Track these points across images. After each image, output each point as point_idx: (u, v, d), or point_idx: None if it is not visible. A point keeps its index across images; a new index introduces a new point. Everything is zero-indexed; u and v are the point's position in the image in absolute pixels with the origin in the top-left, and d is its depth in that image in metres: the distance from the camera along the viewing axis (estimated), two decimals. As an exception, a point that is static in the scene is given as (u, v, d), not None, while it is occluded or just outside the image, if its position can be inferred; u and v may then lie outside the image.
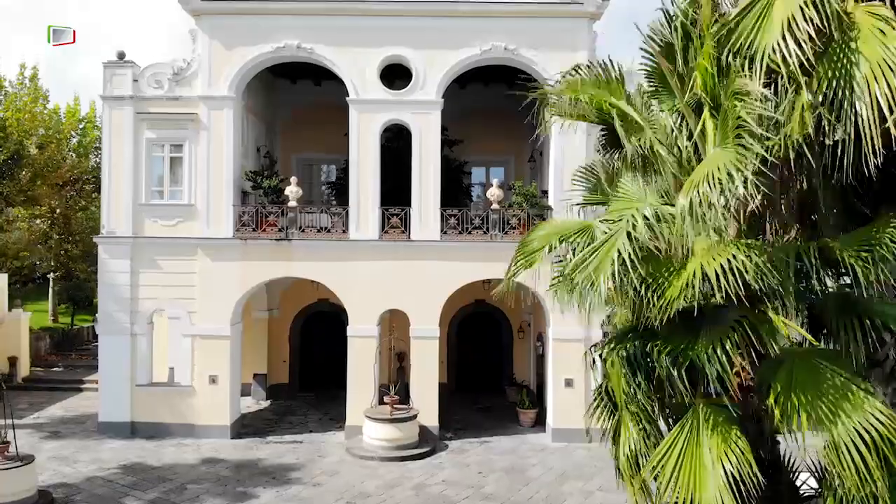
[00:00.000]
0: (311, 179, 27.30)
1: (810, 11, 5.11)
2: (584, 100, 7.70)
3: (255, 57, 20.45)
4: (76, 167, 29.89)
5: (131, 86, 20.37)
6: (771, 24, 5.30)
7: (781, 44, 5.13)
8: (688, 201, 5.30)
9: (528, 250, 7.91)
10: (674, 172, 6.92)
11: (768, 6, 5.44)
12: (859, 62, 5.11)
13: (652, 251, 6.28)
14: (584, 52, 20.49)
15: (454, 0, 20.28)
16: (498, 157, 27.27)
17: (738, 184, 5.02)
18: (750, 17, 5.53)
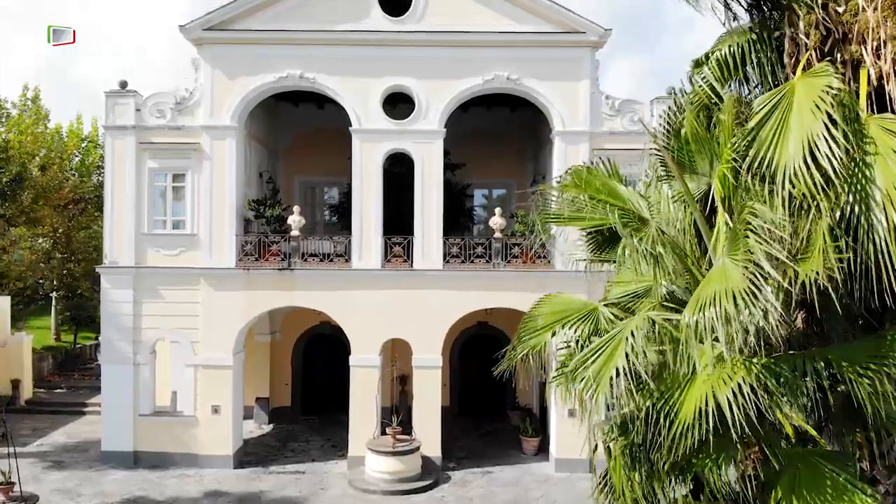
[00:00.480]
0: (314, 202, 27.31)
1: (834, 131, 5.03)
2: (583, 199, 7.56)
3: (258, 87, 20.45)
4: (78, 188, 29.90)
5: (133, 115, 20.37)
6: (788, 141, 5.22)
7: (802, 167, 5.04)
8: (694, 322, 5.25)
9: (532, 327, 7.87)
10: (681, 261, 6.87)
11: (784, 120, 5.36)
12: (875, 179, 5.06)
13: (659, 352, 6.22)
14: (587, 82, 20.52)
15: (456, 30, 20.24)
16: (500, 179, 27.26)
17: (754, 316, 4.94)
18: (767, 130, 5.45)
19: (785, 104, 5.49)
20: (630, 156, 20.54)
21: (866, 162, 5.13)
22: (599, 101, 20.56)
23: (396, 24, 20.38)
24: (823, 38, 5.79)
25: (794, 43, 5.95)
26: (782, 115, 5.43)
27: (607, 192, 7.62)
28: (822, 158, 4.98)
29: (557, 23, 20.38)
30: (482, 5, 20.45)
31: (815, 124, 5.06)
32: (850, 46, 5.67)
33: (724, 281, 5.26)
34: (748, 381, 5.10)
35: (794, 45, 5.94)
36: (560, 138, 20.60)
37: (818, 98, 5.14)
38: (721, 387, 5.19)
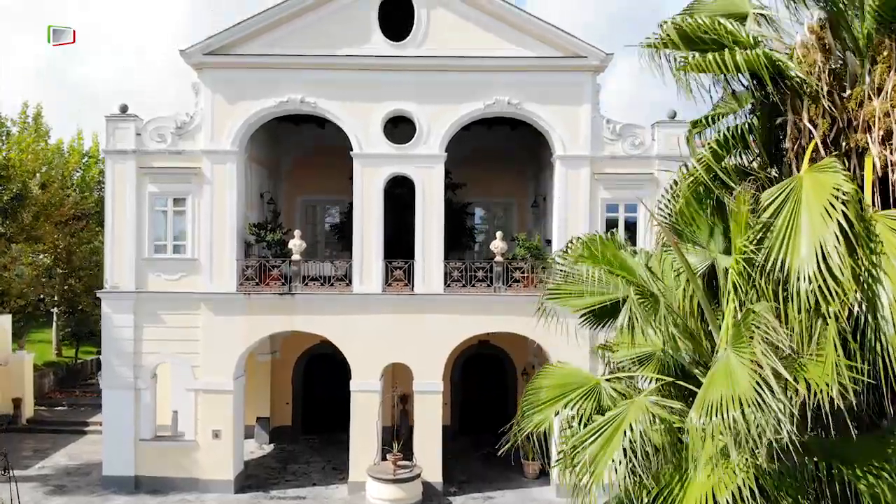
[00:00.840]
0: (315, 220, 27.30)
1: (845, 238, 4.99)
2: (591, 273, 7.53)
3: (259, 111, 20.43)
4: (79, 204, 29.89)
5: (134, 140, 20.35)
6: (800, 244, 5.18)
7: (816, 275, 4.99)
8: (700, 426, 5.20)
9: (535, 401, 7.83)
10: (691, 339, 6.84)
11: (795, 218, 5.31)
12: (882, 281, 5.04)
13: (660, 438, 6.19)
14: (588, 106, 20.49)
15: (457, 55, 20.21)
16: (501, 198, 27.23)
17: (763, 428, 4.90)
18: (778, 229, 5.40)
19: (794, 199, 5.46)
20: (631, 180, 20.76)
21: (874, 262, 5.11)
22: (600, 126, 20.52)
23: (397, 48, 20.36)
24: (829, 126, 5.76)
25: (797, 128, 5.92)
26: (792, 214, 5.39)
27: (619, 265, 7.57)
28: (835, 267, 4.94)
29: (558, 47, 20.35)
30: (483, 30, 20.42)
31: (827, 232, 5.04)
32: (856, 134, 5.64)
33: (730, 383, 5.21)
34: (748, 484, 5.07)
35: (798, 130, 5.90)
36: (561, 162, 20.57)
37: (827, 203, 5.11)
38: (721, 490, 5.17)
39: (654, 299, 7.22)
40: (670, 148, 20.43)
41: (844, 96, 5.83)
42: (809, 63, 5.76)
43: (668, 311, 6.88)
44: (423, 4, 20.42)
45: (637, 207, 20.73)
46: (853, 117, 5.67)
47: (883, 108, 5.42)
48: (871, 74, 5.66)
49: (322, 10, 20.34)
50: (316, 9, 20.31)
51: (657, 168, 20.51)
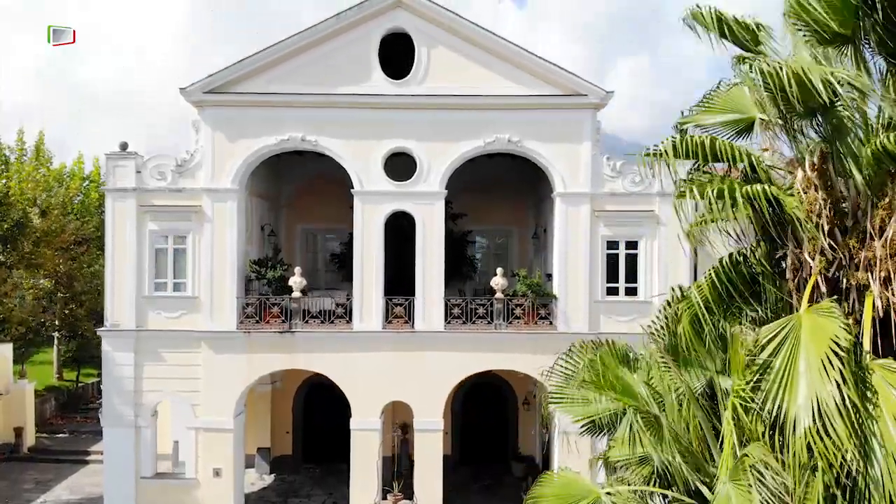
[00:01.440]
0: (316, 249, 27.29)
1: (843, 390, 4.99)
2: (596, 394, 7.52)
3: (259, 149, 20.43)
4: (80, 230, 29.88)
5: (134, 177, 20.33)
6: (797, 394, 5.17)
7: (813, 433, 4.98)
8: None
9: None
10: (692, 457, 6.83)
11: (792, 363, 5.30)
12: (877, 434, 5.03)
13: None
14: (588, 143, 20.48)
15: (457, 94, 20.21)
16: (502, 226, 27.21)
17: None
18: (775, 373, 5.39)
19: (793, 340, 5.46)
20: (632, 217, 20.74)
21: (870, 415, 5.10)
22: (601, 163, 20.50)
23: (398, 87, 20.35)
24: (829, 262, 5.75)
25: (797, 260, 5.91)
26: (790, 356, 5.39)
27: (621, 388, 7.53)
28: (830, 426, 4.93)
29: (559, 85, 20.34)
30: (483, 68, 20.41)
31: (824, 389, 5.01)
32: (857, 273, 5.62)
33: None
34: None
35: (798, 262, 5.89)
36: (561, 199, 20.56)
37: (825, 356, 5.10)
38: None
39: (655, 420, 7.20)
40: (671, 185, 20.40)
41: (846, 229, 5.81)
42: (810, 201, 5.75)
43: (670, 432, 6.85)
44: (423, 43, 20.40)
45: (638, 244, 20.74)
46: (854, 254, 5.66)
47: (885, 251, 5.40)
48: (873, 211, 5.63)
49: (322, 48, 20.34)
50: (316, 47, 20.31)
51: (658, 205, 20.50)
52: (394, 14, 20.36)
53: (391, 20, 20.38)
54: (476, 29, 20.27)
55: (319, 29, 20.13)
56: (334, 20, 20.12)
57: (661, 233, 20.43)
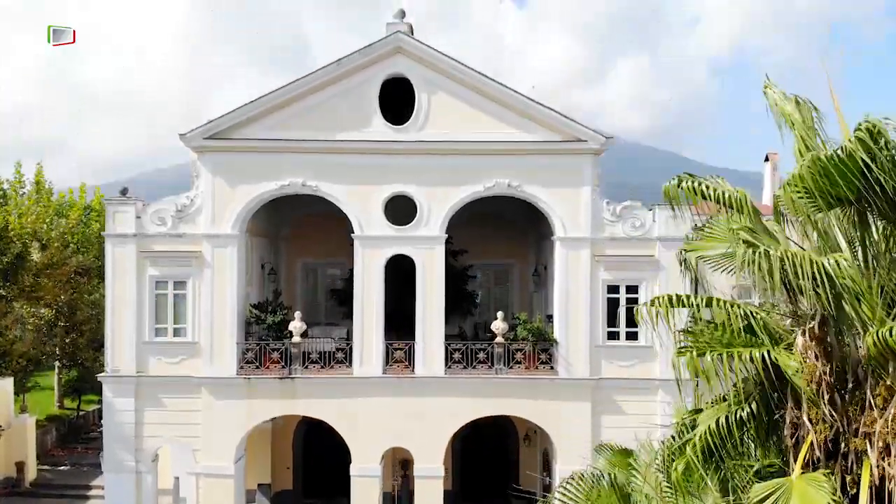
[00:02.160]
0: (316, 282, 27.26)
1: None
2: None
3: (260, 194, 20.47)
4: (81, 262, 29.90)
5: (134, 223, 20.36)
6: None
7: None
8: None
9: None
10: None
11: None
12: None
13: None
14: (588, 188, 20.49)
15: (457, 139, 20.21)
16: (503, 260, 27.15)
17: None
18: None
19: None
20: (632, 261, 20.72)
21: None
22: (600, 207, 20.49)
23: (398, 132, 20.36)
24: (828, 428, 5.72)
25: (796, 421, 5.88)
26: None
27: None
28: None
29: (558, 131, 20.35)
30: (483, 113, 20.42)
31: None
32: (855, 439, 5.60)
33: None
34: None
35: (796, 424, 5.87)
36: (561, 244, 20.55)
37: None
38: None
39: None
40: (671, 230, 20.44)
41: (846, 393, 5.78)
42: (810, 369, 5.72)
43: None
44: (423, 89, 20.41)
45: (638, 288, 20.71)
46: (853, 419, 5.63)
47: (883, 431, 5.37)
48: (874, 385, 5.61)
49: (323, 93, 20.36)
50: (316, 93, 20.34)
51: (658, 250, 20.48)
52: (394, 60, 20.37)
53: (391, 66, 20.39)
54: (475, 75, 20.29)
55: (320, 75, 20.15)
56: (335, 66, 20.13)
57: (661, 277, 20.41)
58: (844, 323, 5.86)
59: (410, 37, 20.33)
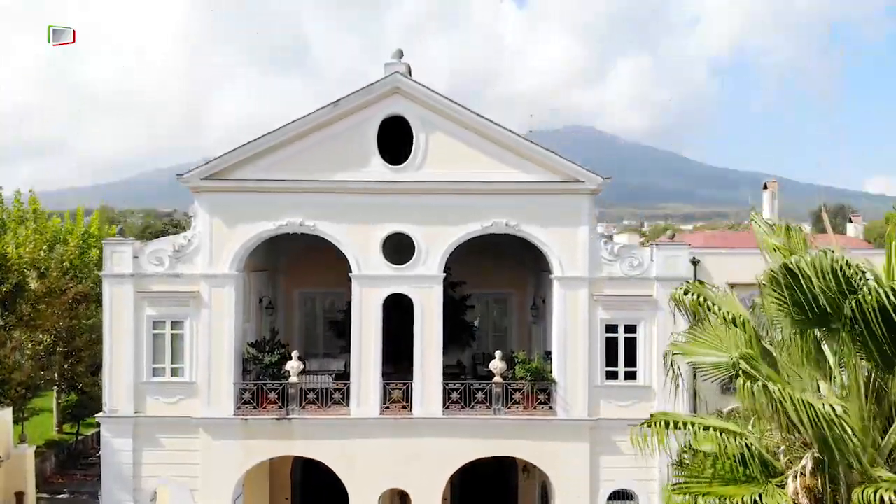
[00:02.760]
0: (315, 312, 27.18)
1: None
2: None
3: (258, 234, 20.47)
4: (79, 290, 29.86)
5: (132, 263, 20.34)
6: None
7: None
8: None
9: None
10: None
11: None
12: None
13: None
14: (585, 228, 20.47)
15: (455, 179, 20.19)
16: (501, 289, 27.07)
17: None
18: None
19: None
20: (630, 301, 20.69)
21: None
22: (598, 247, 20.47)
23: (396, 172, 20.34)
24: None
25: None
26: None
27: None
28: None
29: (556, 171, 20.34)
30: (481, 153, 20.42)
31: None
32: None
33: None
34: None
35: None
36: (559, 283, 20.53)
37: None
38: None
39: None
40: (669, 270, 20.44)
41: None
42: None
43: None
44: (421, 129, 20.39)
45: (637, 328, 20.69)
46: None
47: None
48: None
49: (320, 134, 20.36)
50: (314, 133, 20.34)
51: (656, 289, 20.44)
52: (392, 101, 20.35)
53: (389, 107, 20.37)
54: (473, 116, 20.29)
55: (317, 116, 20.14)
56: (332, 107, 20.12)
57: (659, 317, 20.37)
58: (837, 469, 5.84)
59: (408, 78, 20.30)
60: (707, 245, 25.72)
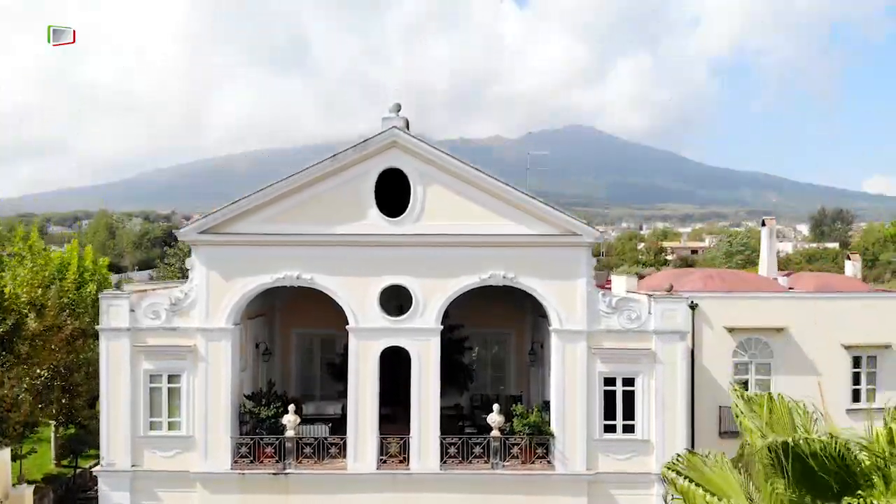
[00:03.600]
0: (312, 353, 27.11)
1: None
2: None
3: (255, 287, 20.41)
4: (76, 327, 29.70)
5: (128, 317, 20.29)
6: None
7: None
8: None
9: None
10: None
11: None
12: None
13: None
14: (583, 280, 20.43)
15: (453, 232, 20.15)
16: (499, 328, 27.00)
17: None
18: None
19: None
20: (628, 354, 20.63)
21: None
22: (596, 299, 20.42)
23: (394, 224, 20.29)
24: None
25: None
26: None
27: None
28: None
29: (553, 224, 20.30)
30: (478, 205, 20.38)
31: None
32: None
33: None
34: None
35: None
36: (557, 336, 20.48)
37: None
38: None
39: None
40: (667, 323, 20.40)
41: None
42: None
43: None
44: (418, 182, 20.34)
45: (635, 381, 20.62)
46: None
47: None
48: None
49: (318, 187, 20.33)
50: (311, 186, 20.31)
51: (654, 343, 20.39)
52: (390, 154, 20.31)
53: (387, 160, 20.32)
54: (469, 170, 20.24)
55: (315, 171, 20.11)
56: (330, 161, 20.08)
57: (657, 370, 20.35)
58: None
59: (405, 132, 20.24)
60: (706, 287, 25.64)
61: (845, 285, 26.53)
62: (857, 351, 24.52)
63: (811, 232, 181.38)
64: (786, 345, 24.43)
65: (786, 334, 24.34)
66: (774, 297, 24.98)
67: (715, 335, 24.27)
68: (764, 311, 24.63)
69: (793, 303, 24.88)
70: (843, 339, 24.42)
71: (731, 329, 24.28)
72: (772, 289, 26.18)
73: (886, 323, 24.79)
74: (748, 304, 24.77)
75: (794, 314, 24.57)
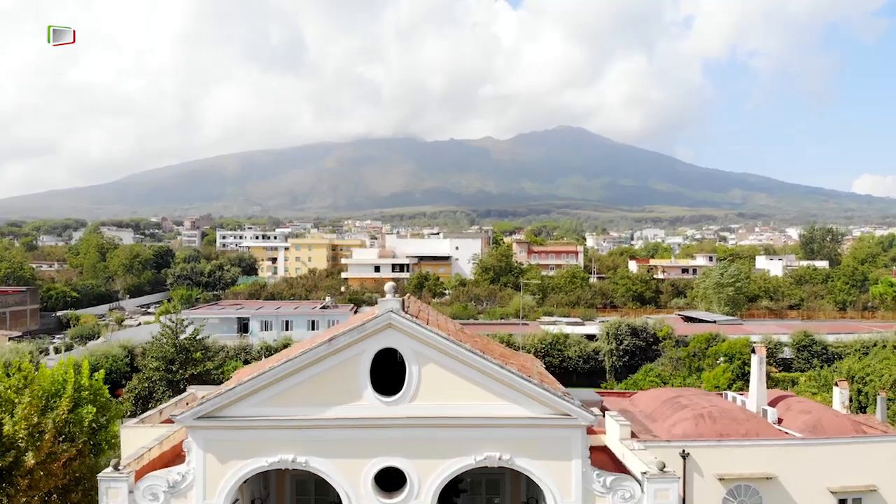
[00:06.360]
0: (308, 497, 27.12)
1: None
2: None
3: (251, 470, 20.50)
4: (73, 454, 29.68)
5: (126, 498, 20.33)
6: None
7: None
8: None
9: None
10: None
11: None
12: None
13: None
14: (578, 461, 20.61)
15: (448, 414, 20.32)
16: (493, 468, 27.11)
17: None
18: None
19: None
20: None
21: None
22: (591, 479, 20.62)
23: (389, 406, 20.42)
24: None
25: None
26: None
27: None
28: None
29: (548, 406, 20.47)
30: (475, 385, 20.54)
31: None
32: None
33: None
34: None
35: None
36: (553, 515, 20.68)
37: None
38: None
39: None
40: (660, 501, 20.62)
41: None
42: None
43: None
44: (414, 361, 20.49)
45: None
46: None
47: None
48: None
49: (313, 369, 20.41)
50: (307, 368, 20.39)
51: (649, 523, 20.61)
52: (385, 335, 20.45)
53: (382, 341, 20.47)
54: (464, 352, 20.36)
55: (311, 355, 20.22)
56: (326, 346, 20.20)
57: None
58: None
59: (401, 315, 20.36)
60: (697, 429, 25.95)
61: (832, 424, 26.81)
62: (843, 494, 24.96)
63: (801, 250, 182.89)
64: (774, 491, 24.79)
65: (775, 481, 24.71)
66: (765, 444, 25.29)
67: (705, 483, 24.62)
68: (754, 458, 24.99)
69: (782, 450, 25.24)
70: (830, 484, 24.83)
71: (721, 478, 24.60)
72: (761, 428, 26.45)
73: (871, 465, 25.24)
74: (739, 452, 25.12)
75: (783, 461, 24.96)
